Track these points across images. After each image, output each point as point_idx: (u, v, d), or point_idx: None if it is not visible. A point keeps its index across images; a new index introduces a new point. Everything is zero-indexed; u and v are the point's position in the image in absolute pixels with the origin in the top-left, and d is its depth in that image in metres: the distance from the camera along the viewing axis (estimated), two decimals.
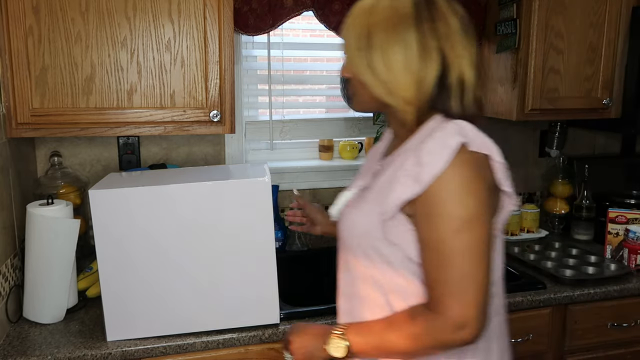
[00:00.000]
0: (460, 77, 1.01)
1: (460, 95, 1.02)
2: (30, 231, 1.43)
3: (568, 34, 1.94)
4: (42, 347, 1.35)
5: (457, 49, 1.00)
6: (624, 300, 1.80)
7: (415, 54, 0.99)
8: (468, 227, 0.94)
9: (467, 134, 0.98)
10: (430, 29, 1.00)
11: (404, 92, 1.01)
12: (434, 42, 0.99)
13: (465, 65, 1.01)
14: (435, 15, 1.00)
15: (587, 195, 2.20)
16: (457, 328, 0.94)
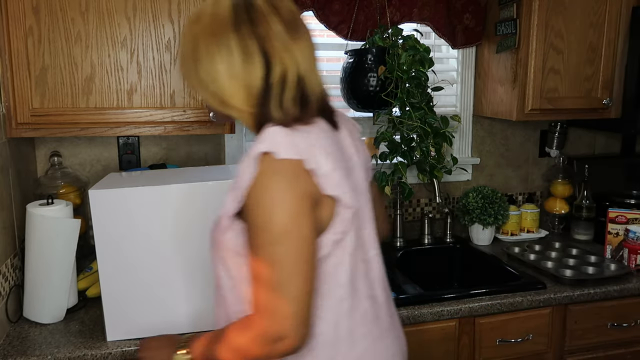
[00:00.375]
0: (283, 77, 0.98)
1: (280, 96, 0.98)
2: (30, 231, 1.43)
3: (568, 34, 1.94)
4: (42, 347, 1.35)
5: (279, 49, 0.98)
6: (624, 300, 1.80)
7: (238, 60, 0.97)
8: (279, 239, 0.92)
9: (275, 141, 0.94)
10: (249, 32, 0.97)
11: (233, 100, 1.00)
12: (254, 44, 0.97)
13: (291, 64, 0.98)
14: (255, 17, 0.98)
15: (587, 195, 2.20)
16: (274, 340, 0.93)
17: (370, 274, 1.10)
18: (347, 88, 1.95)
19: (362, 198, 1.10)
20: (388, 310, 1.14)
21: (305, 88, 1.01)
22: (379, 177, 1.96)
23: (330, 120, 1.08)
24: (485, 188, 2.16)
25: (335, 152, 1.02)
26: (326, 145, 0.99)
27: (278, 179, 0.93)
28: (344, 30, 1.99)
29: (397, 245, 2.14)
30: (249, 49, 0.97)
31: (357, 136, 1.18)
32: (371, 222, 1.13)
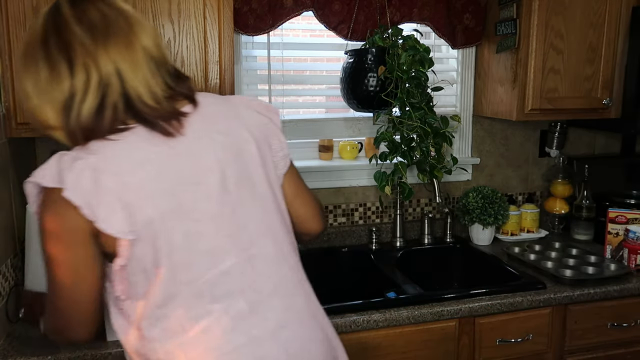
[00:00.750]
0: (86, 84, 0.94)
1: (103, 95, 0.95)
2: (31, 231, 1.43)
3: (568, 34, 1.94)
4: (42, 347, 1.35)
5: (82, 54, 0.94)
6: (624, 300, 1.80)
7: (45, 74, 0.94)
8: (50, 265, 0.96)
9: (45, 170, 0.93)
10: (55, 42, 0.94)
11: (43, 117, 0.97)
12: (59, 54, 0.94)
13: (95, 67, 0.94)
14: (60, 26, 0.95)
15: (587, 195, 2.20)
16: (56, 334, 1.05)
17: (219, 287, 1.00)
18: (347, 88, 1.95)
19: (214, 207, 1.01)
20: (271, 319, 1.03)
21: (112, 95, 0.95)
22: (379, 177, 1.96)
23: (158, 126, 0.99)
24: (485, 188, 2.16)
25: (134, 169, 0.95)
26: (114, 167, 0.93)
27: (44, 209, 0.93)
28: (344, 30, 1.99)
29: (397, 245, 2.14)
30: (54, 62, 0.94)
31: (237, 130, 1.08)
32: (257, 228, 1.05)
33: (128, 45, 0.97)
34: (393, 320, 1.57)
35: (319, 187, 2.13)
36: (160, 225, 0.95)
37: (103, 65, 0.95)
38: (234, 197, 1.03)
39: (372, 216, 2.21)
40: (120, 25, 0.98)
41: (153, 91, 0.99)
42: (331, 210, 2.16)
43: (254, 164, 1.08)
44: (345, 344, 1.55)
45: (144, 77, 0.98)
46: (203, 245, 0.99)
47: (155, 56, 1.01)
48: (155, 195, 0.95)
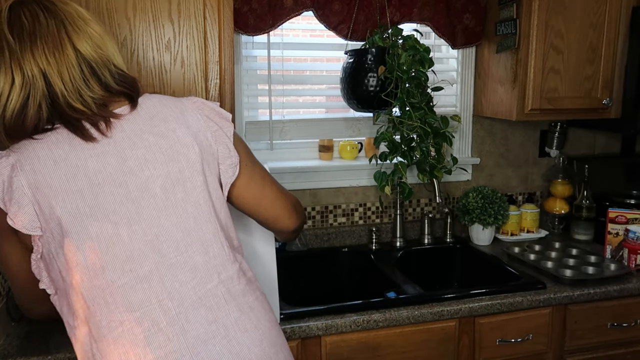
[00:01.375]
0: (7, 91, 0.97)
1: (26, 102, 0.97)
2: None
3: (568, 34, 1.94)
4: (42, 347, 1.35)
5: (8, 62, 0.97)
6: (624, 300, 1.80)
7: None
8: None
9: None
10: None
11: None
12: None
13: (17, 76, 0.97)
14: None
15: (587, 195, 2.20)
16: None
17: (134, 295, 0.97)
18: (347, 88, 1.96)
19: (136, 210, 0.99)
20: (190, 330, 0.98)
21: (35, 97, 0.97)
22: (379, 177, 1.96)
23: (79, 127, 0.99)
24: (485, 188, 2.16)
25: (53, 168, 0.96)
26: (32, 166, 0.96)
27: None
28: (343, 30, 1.99)
29: (397, 245, 2.14)
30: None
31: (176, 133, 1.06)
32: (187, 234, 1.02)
33: (57, 48, 0.99)
34: (393, 320, 1.57)
35: (319, 187, 2.13)
36: (70, 225, 0.95)
37: (28, 69, 0.97)
38: (160, 201, 1.01)
39: (372, 216, 2.22)
40: (51, 29, 0.99)
41: (81, 94, 0.99)
42: (331, 210, 2.16)
43: (190, 170, 1.05)
44: (345, 344, 1.56)
45: (71, 80, 0.99)
46: (119, 248, 0.97)
47: (91, 59, 1.02)
48: (66, 195, 0.95)
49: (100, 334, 0.96)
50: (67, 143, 0.98)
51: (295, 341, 1.50)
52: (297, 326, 1.49)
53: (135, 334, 0.95)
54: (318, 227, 2.15)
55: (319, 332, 1.50)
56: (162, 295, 0.98)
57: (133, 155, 1.00)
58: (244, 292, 1.07)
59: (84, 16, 1.05)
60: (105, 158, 0.99)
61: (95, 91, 1.01)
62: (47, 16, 1.00)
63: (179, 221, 1.02)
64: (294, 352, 1.50)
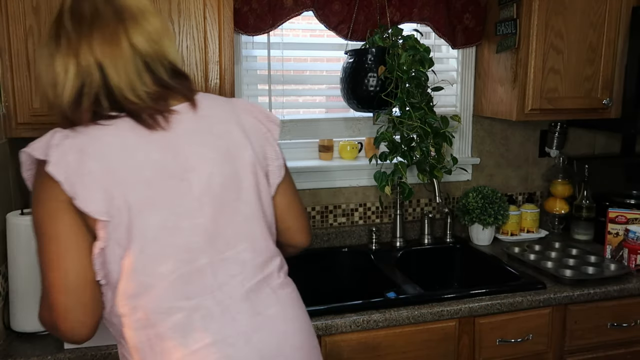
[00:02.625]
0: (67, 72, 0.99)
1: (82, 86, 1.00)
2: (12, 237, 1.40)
3: (568, 34, 1.94)
4: (42, 347, 1.35)
5: (65, 45, 1.00)
6: (624, 300, 1.80)
7: (46, 62, 1.02)
8: (38, 239, 0.97)
9: (37, 143, 0.97)
10: (52, 30, 1.03)
11: (44, 97, 1.05)
12: (53, 44, 1.01)
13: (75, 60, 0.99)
14: (58, 16, 1.03)
15: (587, 195, 2.20)
16: (52, 329, 0.99)
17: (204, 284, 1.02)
18: (347, 88, 1.96)
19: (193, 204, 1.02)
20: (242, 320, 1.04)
21: (91, 85, 0.99)
22: (379, 177, 1.96)
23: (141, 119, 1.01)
24: (485, 188, 2.16)
25: (118, 156, 0.97)
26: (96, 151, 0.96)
27: (36, 180, 0.98)
28: (344, 30, 1.99)
29: (397, 245, 2.14)
30: (49, 47, 1.01)
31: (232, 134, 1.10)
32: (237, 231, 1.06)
33: (112, 40, 1.00)
34: (393, 320, 1.57)
35: (319, 187, 2.13)
36: (136, 212, 0.97)
37: (83, 58, 0.99)
38: (218, 198, 1.04)
39: (372, 216, 2.22)
40: (109, 21, 1.01)
41: (134, 87, 1.01)
42: (331, 210, 2.16)
43: (244, 170, 1.09)
44: (345, 344, 1.56)
45: (125, 73, 1.00)
46: (179, 240, 1.00)
47: (145, 54, 1.03)
48: (135, 183, 0.97)
49: (158, 320, 0.99)
50: (133, 132, 1.00)
51: None
52: None
53: (193, 320, 1.00)
54: (318, 227, 2.15)
55: (319, 332, 1.50)
56: (214, 287, 1.03)
57: (194, 152, 1.04)
58: (282, 285, 1.13)
59: (143, 9, 1.05)
60: (169, 152, 1.02)
61: (148, 86, 1.03)
62: (106, 8, 1.02)
63: (231, 218, 1.06)
64: None
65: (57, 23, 1.02)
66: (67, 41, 1.00)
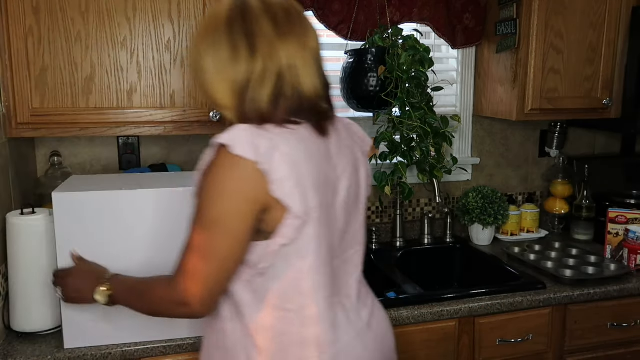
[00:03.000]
0: (263, 73, 1.01)
1: (276, 87, 1.01)
2: (11, 240, 1.40)
3: (568, 34, 1.94)
4: (42, 347, 1.36)
5: (265, 45, 1.01)
6: (624, 300, 1.80)
7: (225, 55, 1.02)
8: (209, 226, 0.98)
9: (235, 137, 0.97)
10: (240, 29, 1.02)
11: (219, 95, 1.04)
12: (242, 40, 1.01)
13: (275, 60, 1.01)
14: (247, 15, 1.03)
15: (587, 195, 2.20)
16: (179, 304, 1.01)
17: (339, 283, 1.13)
18: (347, 88, 1.95)
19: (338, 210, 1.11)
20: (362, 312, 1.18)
21: (286, 87, 1.02)
22: (379, 177, 1.96)
23: (319, 125, 1.07)
24: (485, 188, 2.16)
25: (305, 159, 1.01)
26: (292, 152, 0.99)
27: (225, 173, 0.97)
28: (343, 30, 1.99)
29: (397, 245, 2.14)
30: (236, 45, 1.01)
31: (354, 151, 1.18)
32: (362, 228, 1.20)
33: (302, 43, 1.04)
34: (393, 320, 1.57)
35: None
36: (314, 214, 1.02)
37: (281, 58, 1.01)
38: (348, 206, 1.14)
39: (372, 216, 2.21)
40: (298, 24, 1.05)
41: (317, 90, 1.05)
42: None
43: (362, 184, 1.20)
44: None
45: (310, 75, 1.04)
46: (333, 241, 1.10)
47: (318, 59, 1.08)
48: (317, 188, 1.02)
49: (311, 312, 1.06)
50: (310, 139, 1.05)
51: None
52: None
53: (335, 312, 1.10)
54: None
55: None
56: (342, 284, 1.14)
57: (340, 163, 1.12)
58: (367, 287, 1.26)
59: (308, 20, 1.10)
60: (329, 160, 1.09)
61: (323, 90, 1.08)
62: (294, 13, 1.06)
63: (354, 225, 1.18)
64: None
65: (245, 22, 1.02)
66: (265, 39, 1.01)
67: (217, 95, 1.04)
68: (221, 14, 1.04)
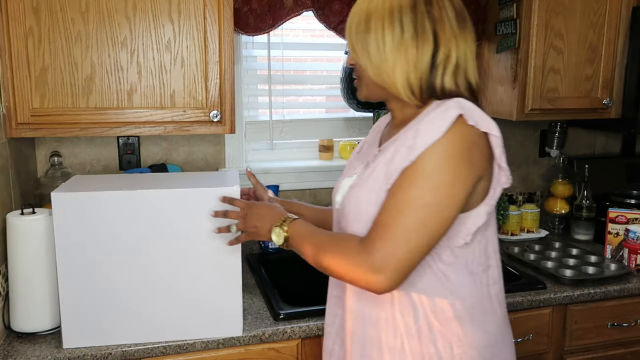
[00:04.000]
0: (449, 57, 1.05)
1: (454, 74, 1.07)
2: (11, 240, 1.40)
3: (568, 34, 1.94)
4: (42, 347, 1.35)
5: (448, 32, 1.05)
6: (624, 300, 1.80)
7: (408, 35, 1.04)
8: (434, 192, 0.98)
9: (466, 108, 1.01)
10: (425, 11, 1.05)
11: (395, 72, 1.05)
12: (428, 24, 1.04)
13: (455, 49, 1.06)
14: (433, 2, 1.06)
15: (587, 195, 2.20)
16: (372, 270, 0.98)
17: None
18: (347, 88, 1.96)
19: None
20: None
21: (461, 76, 1.08)
22: None
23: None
24: None
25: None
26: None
27: (463, 140, 1.00)
28: (344, 30, 1.98)
29: None
30: (422, 27, 1.04)
31: None
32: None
33: (473, 39, 1.10)
34: None
35: (319, 187, 2.13)
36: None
37: (460, 49, 1.07)
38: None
39: None
40: (468, 19, 1.11)
41: (478, 83, 1.12)
42: None
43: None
44: None
45: (475, 69, 1.11)
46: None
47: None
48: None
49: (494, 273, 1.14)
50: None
51: (295, 341, 1.50)
52: (297, 326, 1.49)
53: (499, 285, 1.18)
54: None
55: (319, 332, 1.50)
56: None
57: None
58: None
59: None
60: None
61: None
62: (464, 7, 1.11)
63: None
64: (293, 352, 1.50)
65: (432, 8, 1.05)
66: (449, 31, 1.05)
67: (391, 71, 1.06)
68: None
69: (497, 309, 1.14)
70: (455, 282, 1.08)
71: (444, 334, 1.07)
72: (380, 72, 1.07)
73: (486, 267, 1.12)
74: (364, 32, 1.07)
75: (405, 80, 1.05)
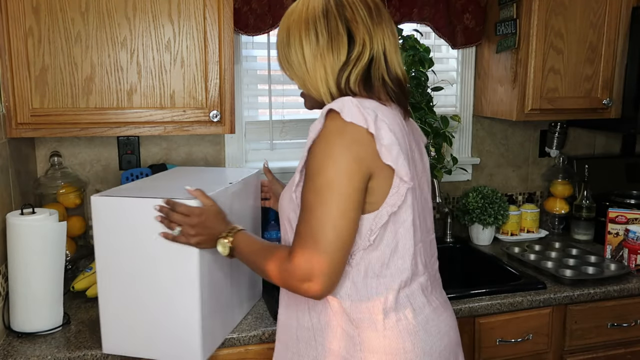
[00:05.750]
0: (362, 54, 1.06)
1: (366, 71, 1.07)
2: (11, 240, 1.39)
3: (568, 34, 1.94)
4: (42, 347, 1.35)
5: (362, 29, 1.07)
6: (624, 300, 1.80)
7: (325, 43, 1.06)
8: (325, 190, 0.99)
9: (344, 105, 1.00)
10: (337, 14, 1.07)
11: (316, 80, 1.08)
12: (342, 26, 1.06)
13: (370, 44, 1.07)
14: (344, 3, 1.08)
15: (587, 195, 2.20)
16: (301, 280, 1.01)
17: (426, 254, 1.19)
18: None
19: (424, 188, 1.20)
20: (441, 290, 1.26)
21: (377, 70, 1.08)
22: None
23: (404, 108, 1.14)
24: (485, 188, 2.16)
25: (399, 134, 1.05)
26: (391, 124, 1.03)
27: (337, 136, 1.00)
28: None
29: None
30: (337, 30, 1.06)
31: (419, 141, 1.24)
32: (431, 214, 1.24)
33: (391, 31, 1.11)
34: None
35: None
36: (413, 185, 1.08)
37: (375, 44, 1.08)
38: (424, 192, 1.20)
39: None
40: (384, 13, 1.12)
41: (403, 74, 1.12)
42: None
43: (427, 171, 1.24)
44: None
45: (398, 61, 1.12)
46: (422, 215, 1.16)
47: (398, 48, 1.14)
48: (409, 161, 1.06)
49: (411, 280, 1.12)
50: (399, 118, 1.10)
51: None
52: None
53: (430, 283, 1.18)
54: None
55: None
56: (432, 260, 1.24)
57: (415, 148, 1.18)
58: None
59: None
60: (411, 142, 1.14)
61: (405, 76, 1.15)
62: (379, 4, 1.12)
63: (429, 212, 1.24)
64: None
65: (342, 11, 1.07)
66: (363, 28, 1.07)
67: (314, 80, 1.08)
68: (315, 6, 1.08)
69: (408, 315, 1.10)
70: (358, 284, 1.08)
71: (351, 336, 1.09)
72: (304, 84, 1.11)
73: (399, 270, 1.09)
74: (287, 46, 1.11)
75: (326, 87, 1.08)
